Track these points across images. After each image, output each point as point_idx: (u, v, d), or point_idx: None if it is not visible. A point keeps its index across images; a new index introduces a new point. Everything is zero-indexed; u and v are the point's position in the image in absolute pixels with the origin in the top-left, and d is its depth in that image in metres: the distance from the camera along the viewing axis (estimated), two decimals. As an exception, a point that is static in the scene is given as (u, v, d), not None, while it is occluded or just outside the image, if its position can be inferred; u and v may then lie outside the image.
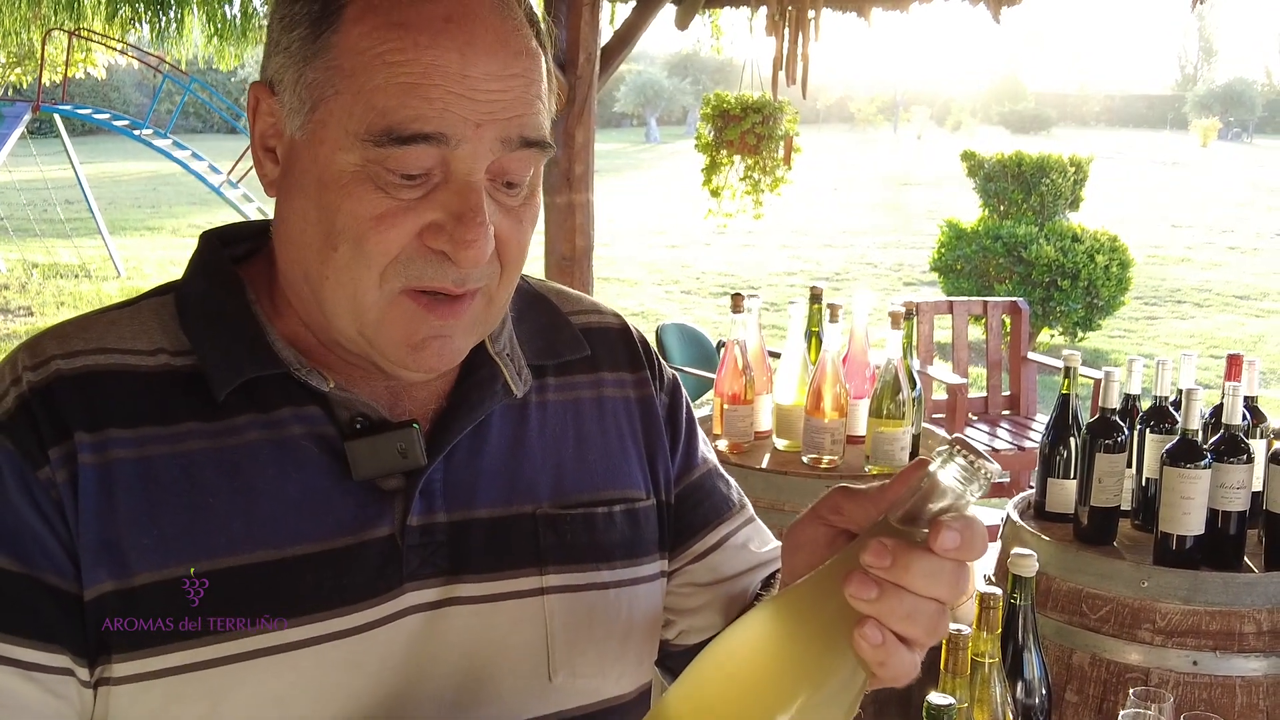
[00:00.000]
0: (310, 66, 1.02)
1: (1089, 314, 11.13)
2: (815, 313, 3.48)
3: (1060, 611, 2.64)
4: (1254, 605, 2.51)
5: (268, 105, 1.07)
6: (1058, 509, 2.91)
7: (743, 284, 15.37)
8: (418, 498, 1.10)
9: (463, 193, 1.00)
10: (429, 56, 0.98)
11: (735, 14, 7.12)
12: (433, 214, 1.01)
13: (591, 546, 1.19)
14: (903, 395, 3.12)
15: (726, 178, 6.47)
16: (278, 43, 1.05)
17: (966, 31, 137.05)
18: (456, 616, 1.11)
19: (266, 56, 1.08)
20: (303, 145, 1.03)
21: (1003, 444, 5.84)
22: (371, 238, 1.00)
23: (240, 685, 1.02)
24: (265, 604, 1.03)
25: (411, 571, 1.09)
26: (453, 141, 0.99)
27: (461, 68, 0.98)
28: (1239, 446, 2.60)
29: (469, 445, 1.15)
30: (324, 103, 1.01)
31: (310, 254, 1.04)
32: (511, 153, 1.02)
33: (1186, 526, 2.58)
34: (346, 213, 1.00)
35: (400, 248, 1.01)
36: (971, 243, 11.42)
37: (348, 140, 0.99)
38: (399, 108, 0.97)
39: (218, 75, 37.55)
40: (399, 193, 1.00)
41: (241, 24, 9.68)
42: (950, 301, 6.73)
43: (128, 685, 1.01)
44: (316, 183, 1.02)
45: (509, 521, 1.15)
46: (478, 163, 1.01)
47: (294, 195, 1.05)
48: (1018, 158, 11.79)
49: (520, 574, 1.14)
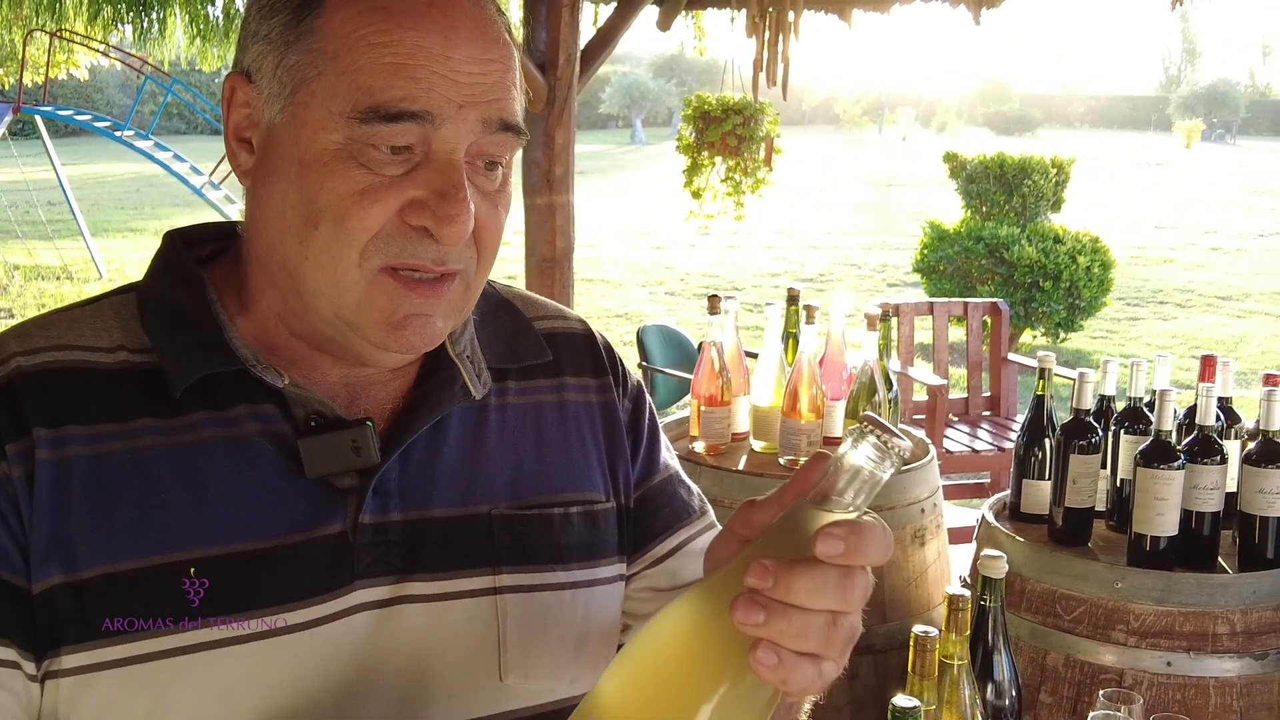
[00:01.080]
0: (291, 50, 1.03)
1: (1071, 315, 11.16)
2: (792, 314, 3.48)
3: (1034, 613, 2.64)
4: (1228, 606, 2.52)
5: (244, 94, 1.08)
6: (1033, 510, 2.91)
7: (727, 285, 15.38)
8: (371, 496, 1.10)
9: (445, 170, 1.03)
10: (413, 38, 1.00)
11: (718, 15, 7.12)
12: (415, 191, 1.03)
13: (548, 547, 1.19)
14: (879, 397, 3.12)
15: (708, 179, 6.47)
16: (255, 32, 1.07)
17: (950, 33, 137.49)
18: (407, 615, 1.10)
19: (242, 48, 1.09)
20: (282, 129, 1.04)
21: (983, 444, 5.85)
22: (354, 214, 1.02)
23: (186, 679, 1.02)
24: (214, 600, 1.03)
25: (363, 569, 1.09)
26: (437, 121, 1.01)
27: (445, 50, 1.01)
28: (1212, 447, 2.60)
29: (426, 445, 1.15)
30: (306, 85, 1.03)
31: (289, 237, 1.05)
32: (491, 135, 1.05)
33: (1160, 527, 2.58)
34: (329, 190, 1.02)
35: (381, 224, 1.02)
36: (954, 244, 11.44)
37: (331, 120, 1.01)
38: (386, 87, 1.00)
39: (200, 76, 37.40)
40: (382, 169, 1.02)
41: (224, 25, 9.65)
42: (931, 303, 6.74)
43: (76, 677, 1.01)
44: (298, 164, 1.03)
45: (464, 521, 1.15)
46: (460, 142, 1.03)
47: (272, 180, 1.06)
48: (999, 159, 11.82)
49: (473, 573, 1.14)
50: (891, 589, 3.00)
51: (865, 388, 3.12)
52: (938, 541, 3.16)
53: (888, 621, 2.98)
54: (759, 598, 0.81)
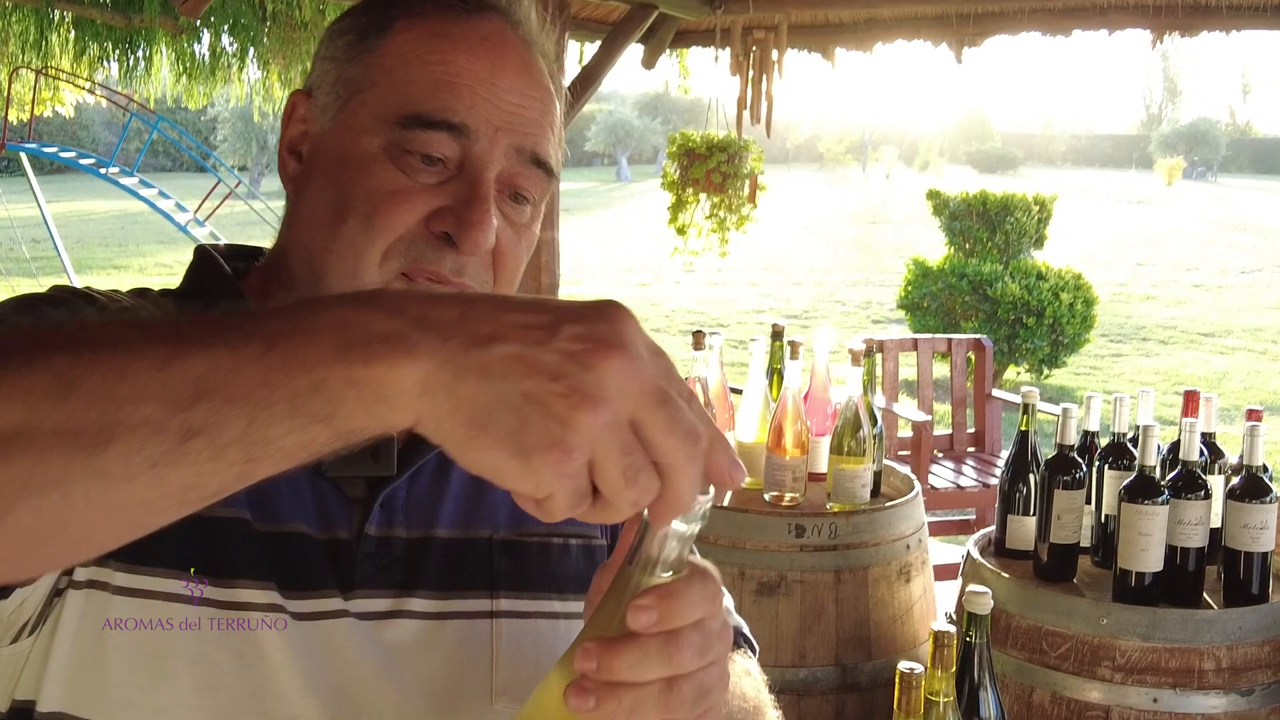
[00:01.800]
0: (351, 65, 1.12)
1: (1054, 351, 11.21)
2: (777, 350, 3.48)
3: (1020, 649, 2.64)
4: (1213, 642, 2.51)
5: (304, 109, 1.16)
6: (1018, 546, 2.91)
7: (712, 321, 15.40)
8: (378, 509, 1.12)
9: (473, 184, 1.08)
10: (463, 61, 1.08)
11: (702, 53, 7.17)
12: (443, 200, 1.07)
13: (546, 575, 1.20)
14: (863, 432, 3.12)
15: (692, 215, 6.49)
16: (323, 55, 1.16)
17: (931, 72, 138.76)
18: (403, 629, 1.11)
19: (311, 70, 1.18)
20: (330, 134, 1.12)
21: (968, 481, 5.85)
22: (382, 211, 1.06)
23: (174, 647, 1.02)
24: (198, 559, 1.04)
25: (364, 578, 1.11)
26: (473, 137, 1.08)
27: (490, 76, 1.09)
28: (1196, 482, 2.61)
29: (435, 468, 1.18)
30: (358, 94, 1.10)
31: (319, 229, 1.10)
32: (522, 165, 1.11)
33: (1145, 563, 2.58)
34: (362, 187, 1.07)
35: (406, 228, 1.07)
36: (937, 280, 11.50)
37: (375, 124, 1.08)
38: (430, 98, 1.07)
39: (186, 114, 37.52)
40: (416, 175, 1.07)
41: (210, 63, 9.69)
42: (915, 339, 6.76)
43: (81, 591, 1.01)
44: (338, 162, 1.10)
45: (466, 543, 1.17)
46: (492, 163, 1.09)
47: (313, 179, 1.12)
48: (982, 196, 11.91)
49: (472, 595, 1.15)
50: (877, 626, 2.99)
51: (850, 423, 3.12)
52: (923, 578, 3.16)
53: (873, 659, 2.97)
54: (586, 682, 0.81)
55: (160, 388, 0.66)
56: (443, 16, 1.11)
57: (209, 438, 0.66)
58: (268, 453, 0.67)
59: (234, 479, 0.68)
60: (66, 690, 1.01)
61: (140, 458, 0.65)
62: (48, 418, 0.65)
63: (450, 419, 0.67)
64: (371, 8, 1.15)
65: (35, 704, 1.01)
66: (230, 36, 9.30)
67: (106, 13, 8.43)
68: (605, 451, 0.67)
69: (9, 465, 0.65)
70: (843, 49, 6.75)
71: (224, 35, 9.36)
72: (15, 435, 0.65)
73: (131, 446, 0.65)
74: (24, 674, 1.02)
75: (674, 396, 0.70)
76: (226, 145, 45.41)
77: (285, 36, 8.82)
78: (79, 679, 1.01)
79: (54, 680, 1.01)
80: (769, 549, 2.98)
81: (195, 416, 0.65)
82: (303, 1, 8.24)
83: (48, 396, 0.66)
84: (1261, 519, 2.61)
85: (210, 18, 8.79)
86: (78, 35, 9.10)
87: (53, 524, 0.67)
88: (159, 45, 9.41)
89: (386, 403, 0.67)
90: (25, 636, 1.01)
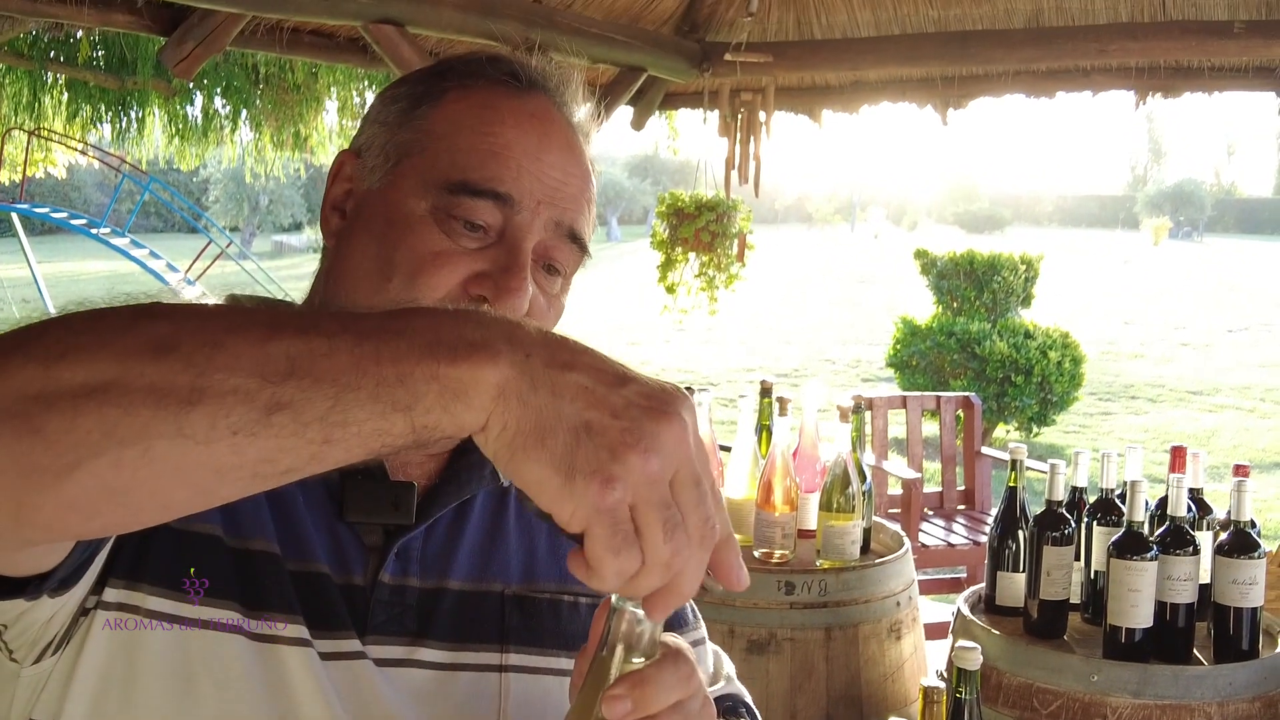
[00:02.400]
0: (402, 130, 1.16)
1: (1043, 409, 11.23)
2: (765, 406, 3.49)
3: (1012, 707, 2.62)
4: (1204, 698, 2.50)
5: (351, 168, 1.20)
6: (1008, 602, 2.90)
7: (702, 380, 15.42)
8: (393, 557, 1.14)
9: (513, 251, 1.12)
10: (513, 134, 1.14)
11: (691, 115, 7.25)
12: (483, 265, 1.11)
13: (556, 633, 1.21)
14: (852, 489, 3.12)
15: (681, 274, 6.52)
16: (374, 118, 1.21)
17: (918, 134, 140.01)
18: (413, 678, 1.13)
19: (359, 132, 1.22)
20: (377, 194, 1.16)
21: (958, 539, 5.83)
22: (425, 272, 1.10)
23: (182, 651, 1.04)
24: (233, 589, 1.07)
25: (377, 625, 1.12)
26: (516, 208, 1.12)
27: (537, 150, 1.14)
28: (1185, 538, 2.61)
29: (451, 521, 1.21)
30: (408, 158, 1.15)
31: (362, 284, 1.13)
32: (559, 240, 1.16)
33: (1135, 619, 2.57)
34: (407, 248, 1.11)
35: (447, 289, 1.10)
36: (926, 339, 11.54)
37: (422, 188, 1.12)
38: (479, 167, 1.12)
39: (179, 175, 37.71)
40: (459, 240, 1.11)
41: (203, 124, 9.74)
42: (904, 396, 6.77)
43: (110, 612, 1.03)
44: (384, 221, 1.13)
45: (478, 596, 1.19)
46: (532, 234, 1.13)
47: (357, 236, 1.16)
48: (969, 255, 11.97)
49: (483, 648, 1.17)
50: (868, 684, 2.97)
51: (839, 480, 3.12)
52: (914, 635, 3.14)
53: (865, 718, 2.95)
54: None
55: (254, 361, 0.70)
56: (494, 90, 1.16)
57: (294, 413, 0.70)
58: (345, 435, 0.71)
59: (307, 458, 0.71)
60: (90, 712, 1.02)
61: (225, 423, 0.69)
62: (141, 375, 0.69)
63: (514, 425, 0.71)
64: (425, 78, 1.20)
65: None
66: (223, 98, 9.35)
67: (100, 75, 8.48)
68: (647, 497, 0.71)
69: (97, 414, 0.68)
70: (829, 110, 6.82)
71: (216, 97, 9.42)
72: (108, 387, 0.69)
73: (219, 411, 0.69)
74: (44, 694, 1.03)
75: (705, 484, 0.74)
76: (218, 206, 45.58)
77: (277, 99, 8.87)
78: (105, 700, 1.02)
79: (77, 701, 1.02)
80: (759, 606, 2.97)
81: (284, 392, 0.70)
82: (295, 65, 8.31)
83: (144, 355, 0.70)
84: (1250, 574, 2.60)
85: (203, 80, 8.85)
86: (71, 97, 9.14)
87: (128, 479, 0.70)
88: (152, 107, 9.45)
89: (463, 400, 0.72)
90: (49, 656, 1.02)
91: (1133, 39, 5.18)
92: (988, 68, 6.07)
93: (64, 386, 0.69)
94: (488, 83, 1.17)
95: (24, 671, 1.02)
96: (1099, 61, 5.73)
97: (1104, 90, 6.00)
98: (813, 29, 6.18)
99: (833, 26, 6.14)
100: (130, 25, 5.22)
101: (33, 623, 0.98)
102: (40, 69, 8.50)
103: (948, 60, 5.86)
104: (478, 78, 1.17)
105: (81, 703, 1.02)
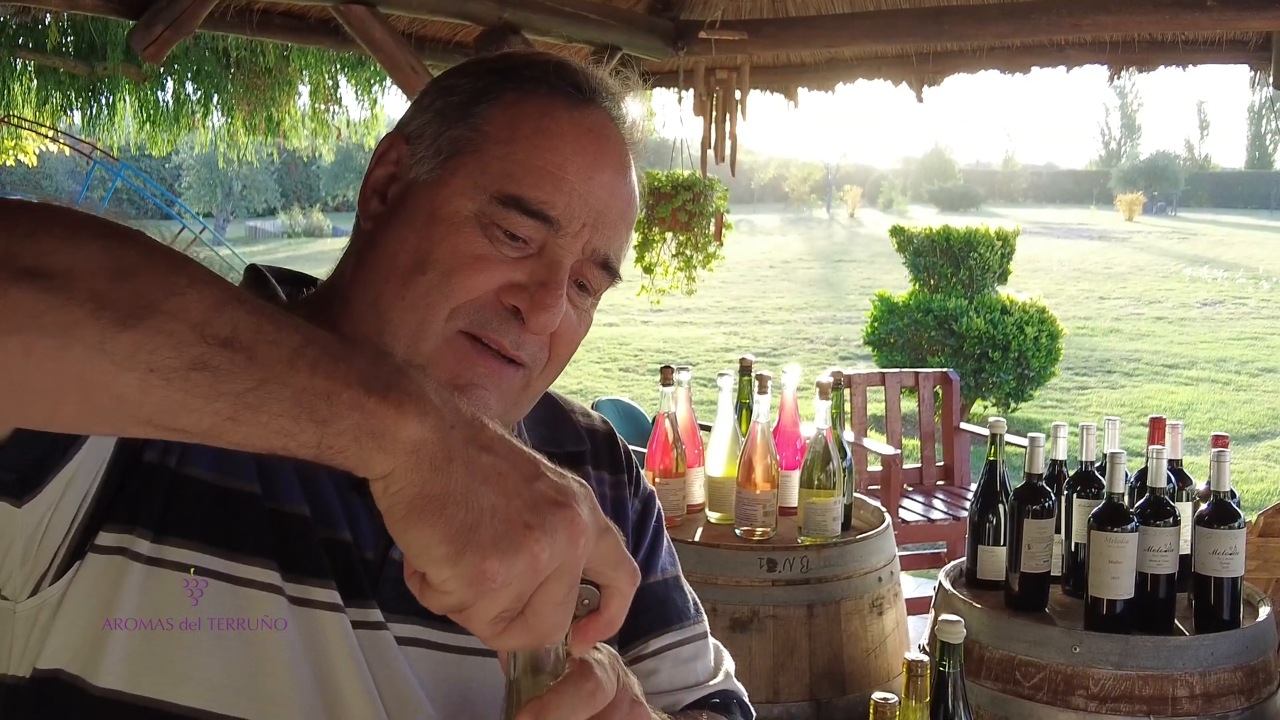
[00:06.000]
0: (456, 125, 1.16)
1: (1020, 385, 11.27)
2: (745, 385, 3.48)
3: (994, 680, 2.63)
4: (1186, 669, 2.52)
5: (398, 153, 1.20)
6: (989, 576, 2.91)
7: (681, 360, 15.41)
8: None
9: (552, 268, 1.13)
10: (569, 150, 1.14)
11: (666, 95, 7.23)
12: (519, 275, 1.12)
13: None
14: (833, 465, 3.12)
15: (659, 254, 6.52)
16: (428, 106, 1.20)
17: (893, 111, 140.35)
18: (421, 659, 1.15)
19: (409, 117, 1.22)
20: (423, 186, 1.15)
21: (938, 514, 5.85)
22: (461, 272, 1.11)
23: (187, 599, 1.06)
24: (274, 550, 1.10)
25: (386, 602, 1.13)
26: (561, 230, 1.13)
27: (591, 169, 1.14)
28: (1165, 509, 2.62)
29: None
30: (460, 155, 1.14)
31: (394, 275, 1.13)
32: (593, 265, 1.17)
33: (1116, 591, 2.58)
34: (449, 245, 1.11)
35: (480, 293, 1.12)
36: (903, 316, 11.57)
37: (473, 190, 1.12)
38: (534, 185, 1.12)
39: (150, 161, 37.38)
40: (499, 247, 1.12)
41: (174, 109, 9.65)
42: (882, 373, 6.78)
43: (103, 556, 1.04)
44: (427, 216, 1.13)
45: None
46: (572, 254, 1.14)
47: (396, 225, 1.16)
48: (945, 232, 12.00)
49: None
50: (851, 660, 2.98)
51: (819, 456, 3.12)
52: (896, 611, 3.15)
53: (847, 694, 2.96)
54: None
55: (201, 315, 0.72)
56: (553, 99, 1.16)
57: (213, 378, 0.71)
58: (251, 420, 0.72)
59: (205, 428, 0.73)
60: (128, 665, 1.03)
61: (147, 358, 0.70)
62: (92, 281, 0.71)
63: (419, 488, 0.74)
64: (485, 73, 1.19)
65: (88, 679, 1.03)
66: (194, 84, 9.27)
67: (69, 61, 8.39)
68: (523, 584, 0.77)
69: (34, 295, 0.70)
70: (805, 89, 6.82)
71: (188, 83, 9.33)
72: (55, 275, 0.70)
73: (146, 345, 0.70)
74: (70, 641, 1.03)
75: (574, 588, 0.80)
76: (191, 192, 45.19)
77: (249, 83, 8.80)
78: (147, 653, 1.04)
79: (115, 655, 1.03)
80: (741, 584, 2.97)
81: (214, 355, 0.71)
82: (267, 48, 8.24)
83: (104, 267, 0.71)
84: (1231, 544, 2.62)
85: (174, 65, 8.77)
86: (40, 84, 9.04)
87: (31, 368, 0.71)
88: (122, 93, 9.36)
89: (378, 441, 0.74)
90: (46, 585, 1.03)
91: (1106, 12, 5.18)
92: (962, 44, 6.07)
93: (16, 260, 0.70)
94: (548, 89, 1.16)
95: (19, 608, 1.03)
96: (1073, 36, 5.74)
97: (1078, 64, 6.02)
98: (787, 6, 6.17)
99: (807, 3, 6.12)
100: (98, 9, 5.16)
101: (12, 540, 0.98)
102: (9, 56, 8.40)
103: (923, 37, 5.85)
104: (539, 84, 1.17)
105: (118, 656, 1.03)
